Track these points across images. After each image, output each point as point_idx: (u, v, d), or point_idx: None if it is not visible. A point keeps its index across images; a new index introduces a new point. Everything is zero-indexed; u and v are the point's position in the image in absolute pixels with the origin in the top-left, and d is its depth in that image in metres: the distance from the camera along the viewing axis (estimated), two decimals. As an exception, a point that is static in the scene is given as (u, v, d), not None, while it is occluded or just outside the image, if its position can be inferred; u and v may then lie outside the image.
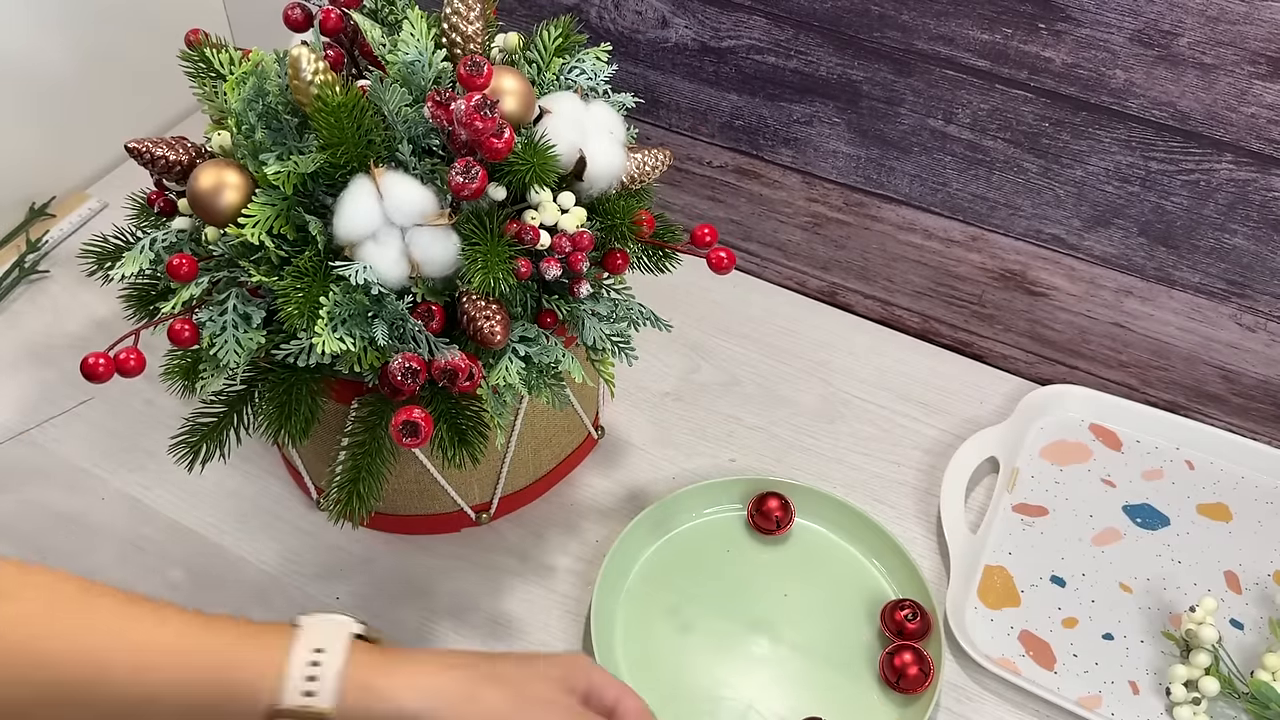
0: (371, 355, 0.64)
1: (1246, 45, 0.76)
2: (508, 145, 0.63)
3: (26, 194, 1.09)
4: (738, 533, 0.86)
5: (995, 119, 0.88)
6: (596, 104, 0.71)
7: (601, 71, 0.75)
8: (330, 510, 0.69)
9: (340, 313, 0.63)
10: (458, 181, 0.62)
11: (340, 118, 0.63)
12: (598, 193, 0.69)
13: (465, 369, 0.63)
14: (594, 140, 0.69)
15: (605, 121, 0.70)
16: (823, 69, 0.93)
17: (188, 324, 0.66)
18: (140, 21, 1.13)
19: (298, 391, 0.67)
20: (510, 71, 0.66)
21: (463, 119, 0.61)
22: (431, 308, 0.65)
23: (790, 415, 0.95)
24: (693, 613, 0.81)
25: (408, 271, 0.64)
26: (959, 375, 0.99)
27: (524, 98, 0.67)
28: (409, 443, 0.62)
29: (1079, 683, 0.79)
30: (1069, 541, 0.87)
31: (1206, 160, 0.83)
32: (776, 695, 0.77)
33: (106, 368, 0.63)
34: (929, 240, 0.98)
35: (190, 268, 0.66)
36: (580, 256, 0.67)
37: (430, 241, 0.64)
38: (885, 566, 0.83)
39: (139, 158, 0.70)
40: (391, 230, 0.64)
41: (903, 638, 0.78)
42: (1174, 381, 0.96)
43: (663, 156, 0.73)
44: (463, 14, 0.68)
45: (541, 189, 0.66)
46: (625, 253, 0.72)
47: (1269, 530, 0.88)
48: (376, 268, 0.63)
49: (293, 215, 0.65)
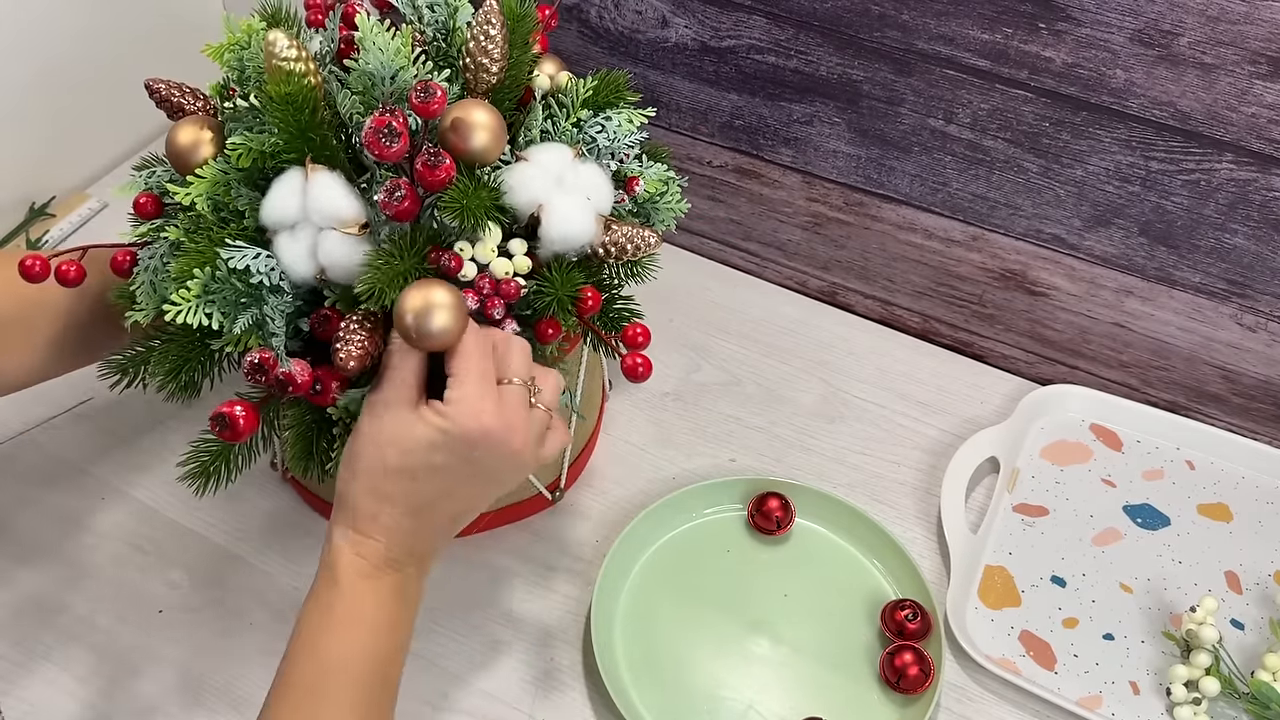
0: (232, 338, 0.63)
1: (1247, 45, 0.76)
2: (446, 177, 0.62)
3: (27, 194, 1.09)
4: (738, 533, 0.86)
5: (995, 119, 0.88)
6: (589, 166, 0.68)
7: (626, 136, 0.71)
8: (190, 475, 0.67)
9: (218, 289, 0.63)
10: (382, 199, 0.61)
11: (287, 106, 0.63)
12: (552, 253, 0.66)
13: (303, 385, 0.61)
14: (561, 199, 0.65)
15: (588, 185, 0.66)
16: (823, 69, 0.93)
17: (130, 256, 0.67)
18: (141, 21, 1.13)
19: (193, 352, 0.67)
20: (483, 105, 0.64)
21: (365, 140, 0.60)
22: (328, 314, 0.64)
23: (790, 415, 0.95)
24: (693, 613, 0.81)
25: (314, 272, 0.63)
26: (959, 375, 0.99)
27: (494, 134, 0.64)
28: (222, 434, 0.60)
29: (1079, 683, 0.79)
30: (1069, 542, 0.87)
31: (1207, 160, 0.83)
32: (776, 695, 0.77)
33: (43, 269, 0.65)
34: (929, 240, 0.98)
35: (153, 208, 0.68)
36: (496, 302, 0.63)
37: (338, 245, 0.63)
38: (885, 566, 0.83)
39: (155, 95, 0.71)
40: (308, 227, 0.63)
41: (903, 638, 0.78)
42: (1174, 381, 0.96)
43: (650, 238, 0.67)
44: (480, 43, 0.66)
45: (488, 228, 0.63)
46: (557, 324, 0.66)
47: (1269, 530, 0.87)
48: (284, 260, 0.63)
49: (236, 189, 0.65)
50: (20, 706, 0.76)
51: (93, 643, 0.79)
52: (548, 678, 0.78)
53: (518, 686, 0.78)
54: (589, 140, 0.70)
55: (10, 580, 0.82)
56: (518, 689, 0.78)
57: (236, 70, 0.70)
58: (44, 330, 0.72)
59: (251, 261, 0.63)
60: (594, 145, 0.70)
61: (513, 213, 0.65)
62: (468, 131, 0.63)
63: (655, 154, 0.76)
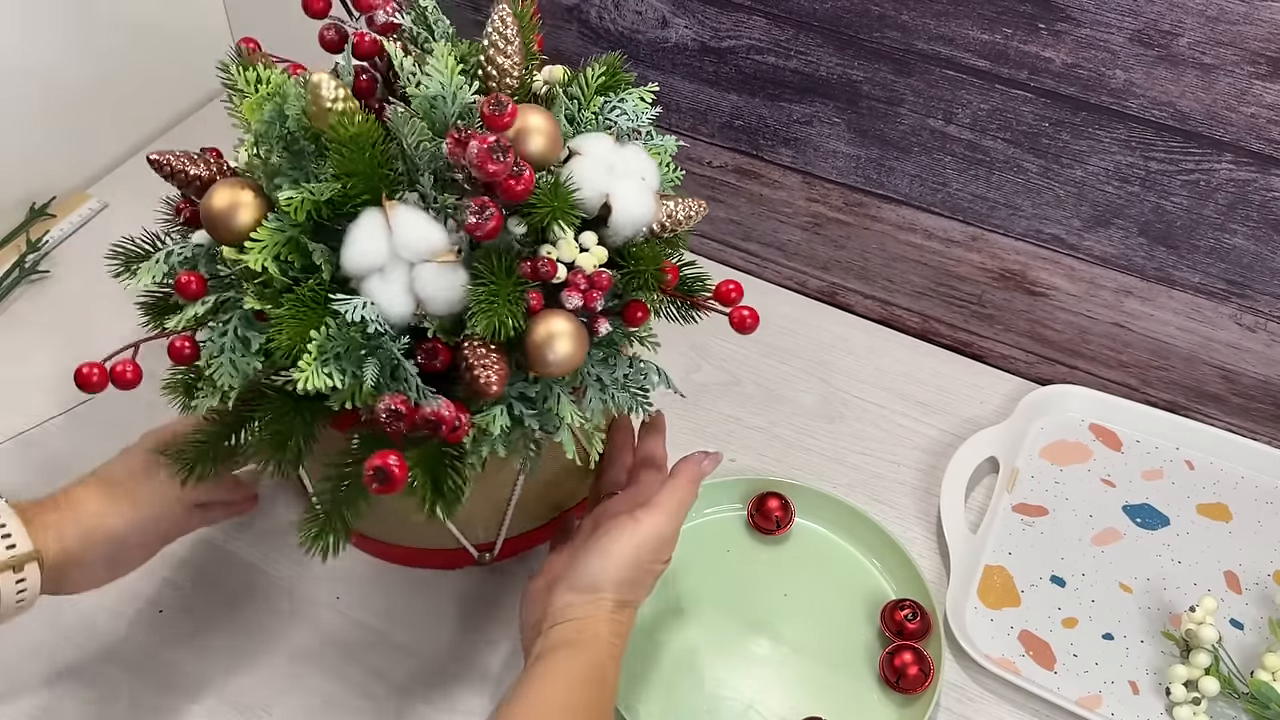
0: (366, 392, 0.62)
1: (1246, 45, 0.76)
2: (527, 187, 0.61)
3: (27, 194, 1.09)
4: (738, 533, 0.86)
5: (995, 119, 0.88)
6: (631, 148, 0.68)
7: (644, 113, 0.72)
8: (305, 538, 0.66)
9: (332, 347, 0.61)
10: (471, 222, 0.60)
11: (355, 148, 0.62)
12: (623, 239, 0.67)
13: (450, 420, 0.61)
14: (622, 185, 0.66)
15: (637, 166, 0.68)
16: (823, 69, 0.93)
17: (189, 341, 0.64)
18: (141, 22, 1.13)
19: (293, 420, 0.65)
20: (537, 110, 0.65)
21: (474, 161, 0.59)
22: (437, 346, 0.63)
23: (790, 415, 0.95)
24: (693, 613, 0.81)
25: (412, 308, 0.62)
26: (959, 375, 0.99)
27: (551, 137, 0.65)
28: (378, 489, 0.59)
29: (1079, 683, 0.79)
30: (1069, 541, 0.87)
31: (1206, 160, 0.83)
32: (777, 695, 0.77)
33: (100, 378, 0.62)
34: (929, 240, 0.98)
35: (198, 286, 0.65)
36: (596, 295, 0.64)
37: (435, 277, 0.62)
38: (885, 566, 0.83)
39: (160, 169, 0.67)
40: (399, 265, 0.62)
41: (903, 638, 0.78)
42: (1174, 381, 0.96)
43: (697, 206, 0.70)
44: (500, 47, 0.66)
45: (564, 229, 0.64)
46: (645, 305, 0.68)
47: (1269, 530, 0.88)
48: (380, 303, 0.62)
49: (300, 243, 0.63)
50: (20, 707, 0.76)
51: (93, 643, 0.79)
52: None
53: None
54: (611, 124, 0.71)
55: (10, 580, 0.82)
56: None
57: (269, 123, 0.66)
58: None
59: (364, 311, 0.61)
60: (616, 128, 0.71)
61: (581, 206, 0.65)
62: (527, 138, 0.63)
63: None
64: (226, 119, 0.71)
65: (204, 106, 1.22)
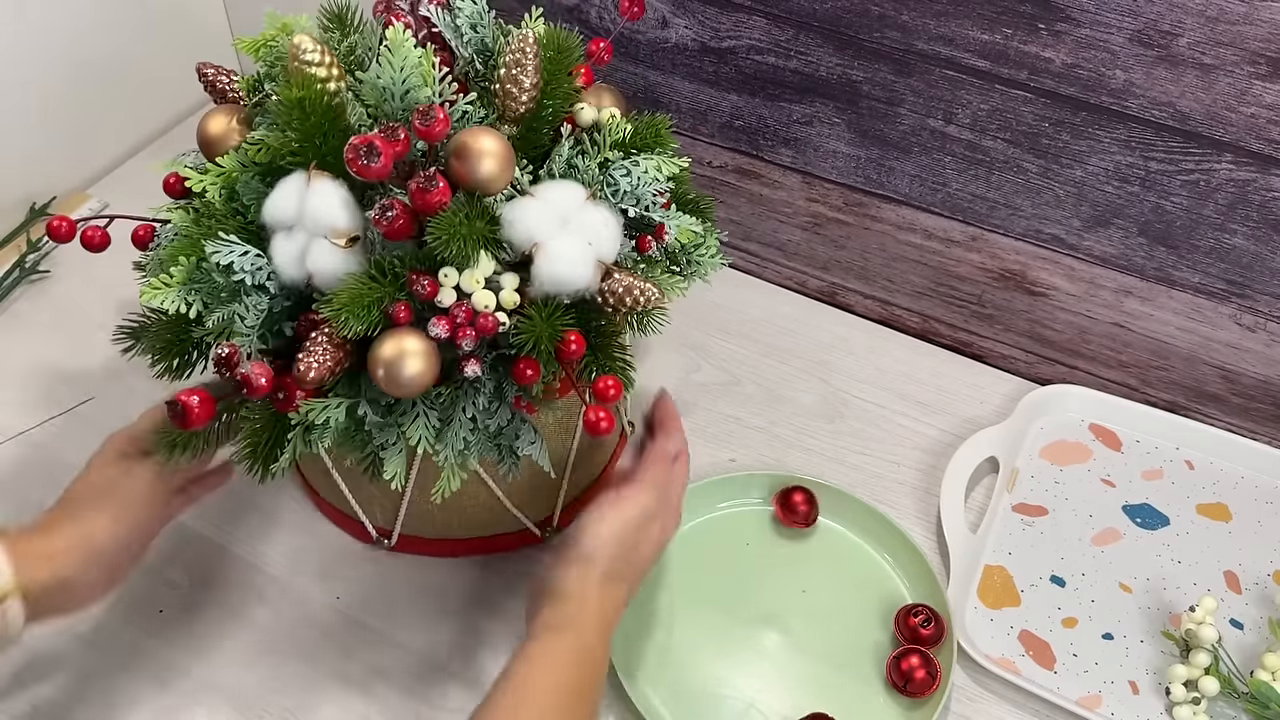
0: (236, 333, 0.64)
1: (1246, 45, 0.77)
2: (438, 201, 0.61)
3: (27, 194, 1.09)
4: (760, 527, 0.86)
5: (995, 119, 0.88)
6: (600, 210, 0.66)
7: (648, 182, 0.69)
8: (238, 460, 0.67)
9: (202, 280, 0.64)
10: (375, 215, 0.60)
11: (299, 110, 0.63)
12: (544, 293, 0.64)
13: (259, 387, 0.60)
14: (561, 241, 0.63)
15: (593, 229, 0.65)
16: (823, 69, 0.93)
17: (149, 230, 0.71)
18: (141, 22, 1.13)
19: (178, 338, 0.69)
20: (490, 133, 0.63)
21: (346, 154, 0.59)
22: (314, 319, 0.63)
23: (790, 415, 0.95)
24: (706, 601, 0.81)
25: (303, 276, 0.63)
26: (959, 375, 0.99)
27: (502, 161, 0.63)
28: (174, 420, 0.60)
29: (1079, 682, 0.79)
30: (1069, 541, 0.87)
31: (1206, 160, 0.83)
32: (779, 693, 0.77)
33: (68, 231, 0.68)
34: (929, 240, 0.98)
35: (180, 189, 0.70)
36: (468, 332, 0.62)
37: (326, 255, 0.63)
38: (904, 571, 0.83)
39: (204, 79, 0.74)
40: (302, 232, 0.63)
41: (915, 643, 0.78)
42: (1174, 381, 0.96)
43: (651, 294, 0.65)
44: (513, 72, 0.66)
45: (474, 260, 0.62)
46: (536, 365, 0.64)
47: (1269, 530, 0.88)
48: (276, 260, 0.64)
49: (246, 183, 0.66)
50: (20, 707, 0.76)
51: (93, 642, 0.79)
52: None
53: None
54: (611, 183, 0.69)
55: (11, 580, 0.82)
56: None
57: (269, 64, 0.71)
58: None
59: (237, 259, 0.63)
60: (616, 188, 0.69)
61: (509, 246, 0.64)
62: (473, 158, 0.62)
63: (697, 205, 0.75)
64: (227, 119, 0.71)
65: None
